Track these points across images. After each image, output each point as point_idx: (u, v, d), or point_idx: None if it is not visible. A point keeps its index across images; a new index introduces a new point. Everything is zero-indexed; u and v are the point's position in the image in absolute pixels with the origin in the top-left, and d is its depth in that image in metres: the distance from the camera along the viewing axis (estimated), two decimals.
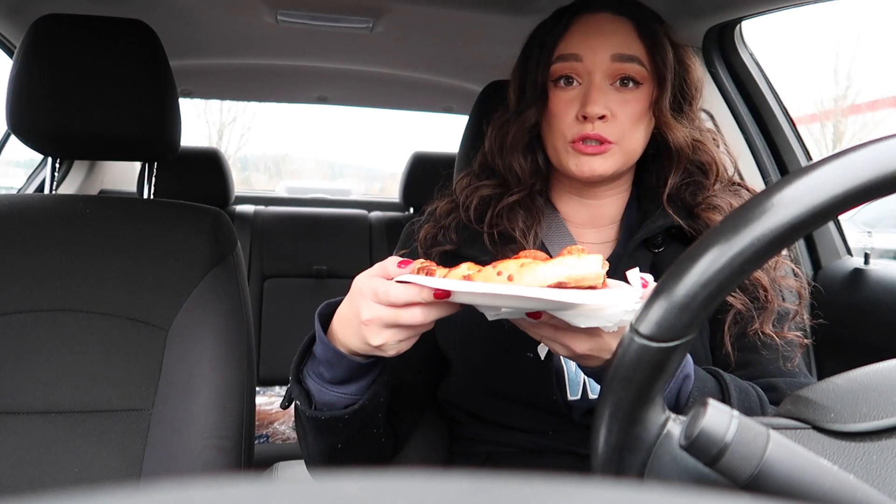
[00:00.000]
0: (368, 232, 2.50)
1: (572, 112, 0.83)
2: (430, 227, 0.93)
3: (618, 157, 0.84)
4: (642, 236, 0.86)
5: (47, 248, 1.01)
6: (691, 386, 0.70)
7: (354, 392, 0.72)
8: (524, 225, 0.88)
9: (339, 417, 0.71)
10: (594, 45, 0.83)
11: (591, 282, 0.56)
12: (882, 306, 1.25)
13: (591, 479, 0.19)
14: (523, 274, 0.55)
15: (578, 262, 0.55)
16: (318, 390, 0.72)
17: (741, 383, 0.76)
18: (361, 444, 0.78)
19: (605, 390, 0.42)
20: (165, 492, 0.17)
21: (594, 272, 0.55)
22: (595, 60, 0.83)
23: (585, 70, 0.83)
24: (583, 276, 0.55)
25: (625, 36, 0.84)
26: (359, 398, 0.72)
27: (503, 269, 0.56)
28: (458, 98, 2.29)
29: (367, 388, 0.72)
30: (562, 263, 0.55)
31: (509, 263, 0.57)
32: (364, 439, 0.78)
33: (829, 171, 0.36)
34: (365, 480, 0.17)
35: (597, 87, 0.82)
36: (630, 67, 0.83)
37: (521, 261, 0.57)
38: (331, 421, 0.72)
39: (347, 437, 0.75)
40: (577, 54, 0.84)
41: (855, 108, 12.18)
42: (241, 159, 18.51)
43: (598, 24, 0.85)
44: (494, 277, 0.56)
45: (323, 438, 0.76)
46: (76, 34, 1.04)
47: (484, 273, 0.57)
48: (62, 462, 0.93)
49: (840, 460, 0.42)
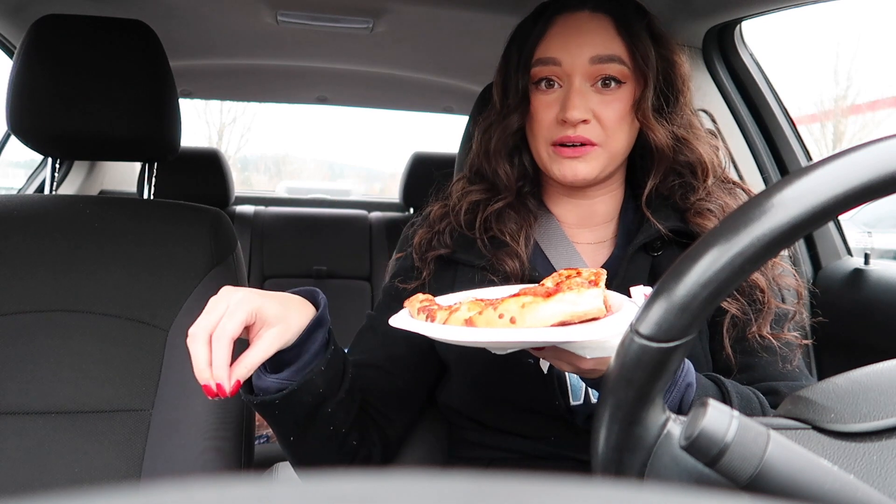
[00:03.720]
0: (368, 232, 2.50)
1: (552, 115, 0.83)
2: (425, 231, 0.92)
3: (601, 158, 0.83)
4: (640, 242, 0.85)
5: (47, 248, 1.01)
6: (694, 394, 0.70)
7: (285, 377, 0.73)
8: (515, 227, 0.87)
9: (270, 402, 0.72)
10: (572, 48, 0.82)
11: (594, 315, 0.56)
12: (882, 306, 1.25)
13: (591, 480, 0.19)
14: (525, 315, 0.55)
15: (579, 299, 0.56)
16: (256, 376, 0.74)
17: (743, 389, 0.76)
18: (317, 439, 0.78)
19: (606, 391, 0.42)
20: (165, 492, 0.17)
21: (595, 307, 0.56)
22: (574, 64, 0.82)
23: (564, 73, 0.82)
24: (584, 313, 0.56)
25: (603, 35, 0.83)
26: (289, 383, 0.72)
27: (504, 311, 0.56)
28: (458, 98, 2.29)
29: (298, 374, 0.73)
30: (562, 301, 0.55)
31: (510, 304, 0.56)
32: (318, 433, 0.77)
33: (829, 172, 0.36)
34: (365, 480, 0.17)
35: (576, 91, 0.81)
36: (610, 68, 0.82)
37: (521, 300, 0.56)
38: (265, 406, 0.73)
39: (294, 428, 0.76)
40: (556, 58, 0.82)
41: (855, 109, 12.17)
42: (241, 160, 18.50)
43: (577, 24, 0.83)
44: (496, 320, 0.56)
45: (274, 429, 0.78)
46: (76, 34, 1.05)
47: (486, 316, 0.57)
48: (62, 462, 0.93)
49: (840, 460, 0.42)
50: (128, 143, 1.07)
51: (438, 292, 0.90)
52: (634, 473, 0.42)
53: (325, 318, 0.73)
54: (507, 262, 0.85)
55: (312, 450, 0.80)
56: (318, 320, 0.72)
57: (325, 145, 33.58)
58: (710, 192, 0.85)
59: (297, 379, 0.72)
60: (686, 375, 0.69)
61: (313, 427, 0.76)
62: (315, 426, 0.76)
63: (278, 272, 2.38)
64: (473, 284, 0.86)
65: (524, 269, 0.85)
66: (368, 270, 2.44)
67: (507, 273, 0.85)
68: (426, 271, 0.90)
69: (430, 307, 0.64)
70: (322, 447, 0.79)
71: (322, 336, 0.73)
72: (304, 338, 0.71)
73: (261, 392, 0.74)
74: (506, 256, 0.85)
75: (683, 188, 0.85)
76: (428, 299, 0.69)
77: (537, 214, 0.91)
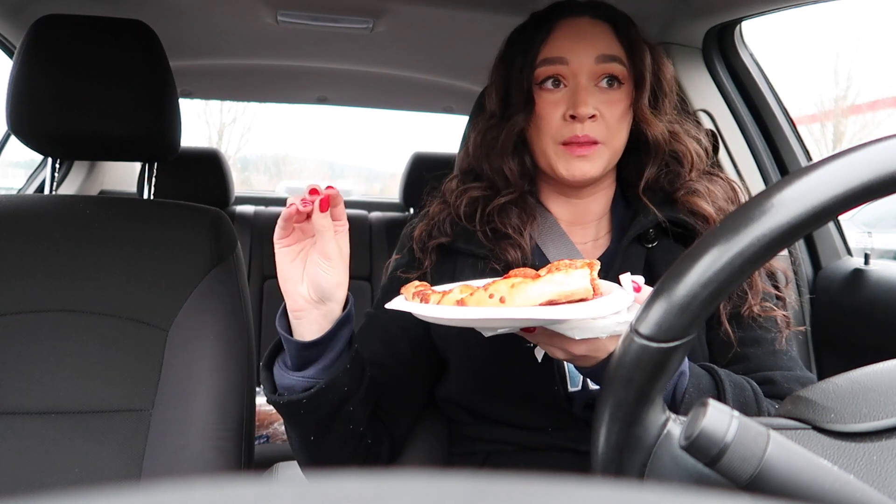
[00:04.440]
0: (368, 232, 2.50)
1: (559, 113, 0.85)
2: (424, 225, 0.94)
3: (605, 157, 0.86)
4: (634, 233, 0.87)
5: (47, 248, 1.01)
6: (686, 382, 0.71)
7: (312, 375, 0.73)
8: (518, 221, 0.89)
9: (297, 402, 0.73)
10: (578, 48, 0.86)
11: (581, 296, 0.58)
12: (882, 306, 1.25)
13: (591, 479, 0.19)
14: (514, 295, 0.57)
15: (566, 279, 0.58)
16: (280, 375, 0.75)
17: (736, 378, 0.77)
18: (338, 439, 0.78)
19: (606, 390, 0.42)
20: (165, 492, 0.17)
21: (582, 287, 0.58)
22: (581, 63, 0.85)
23: (571, 72, 0.86)
24: (572, 292, 0.58)
25: (606, 38, 0.87)
26: (316, 381, 0.73)
27: (494, 291, 0.58)
28: (458, 98, 2.29)
29: (325, 372, 0.73)
30: (550, 281, 0.58)
31: (500, 285, 0.58)
32: (338, 433, 0.78)
33: (829, 172, 0.36)
34: (365, 480, 0.17)
35: (584, 88, 0.85)
36: (613, 67, 0.86)
37: (511, 281, 0.58)
38: (291, 405, 0.74)
39: (317, 428, 0.76)
40: (563, 57, 0.86)
41: (855, 109, 12.18)
42: (241, 160, 18.50)
43: (580, 28, 0.88)
44: (487, 300, 0.58)
45: (294, 430, 0.78)
46: (76, 34, 1.04)
47: (476, 296, 0.59)
48: (62, 462, 0.93)
49: (840, 460, 0.42)
50: (128, 143, 1.07)
51: (439, 282, 0.91)
52: (634, 473, 0.42)
53: (351, 315, 0.74)
54: (509, 252, 0.87)
55: (330, 450, 0.79)
56: (345, 317, 0.73)
57: (324, 145, 33.62)
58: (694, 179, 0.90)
59: (325, 377, 0.73)
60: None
61: (334, 426, 0.77)
62: (336, 425, 0.77)
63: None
64: (475, 274, 0.88)
65: (526, 261, 0.87)
66: (368, 270, 2.44)
67: (508, 262, 0.87)
68: (427, 261, 0.92)
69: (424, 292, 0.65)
70: (341, 447, 0.80)
71: (348, 333, 0.74)
72: (331, 334, 0.72)
73: (286, 391, 0.74)
74: (508, 246, 0.87)
75: (671, 176, 0.90)
76: (423, 285, 0.70)
77: (535, 213, 0.92)
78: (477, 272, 0.88)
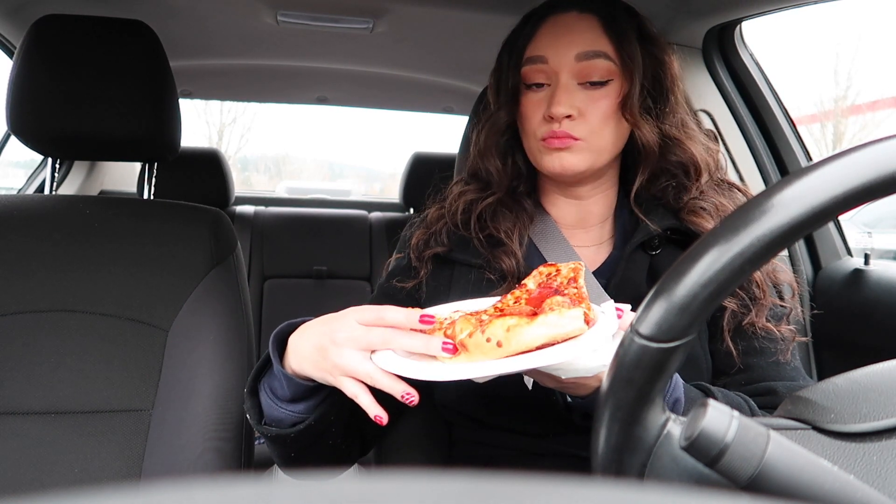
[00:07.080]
0: (368, 232, 2.50)
1: (540, 113, 0.84)
2: (422, 232, 0.94)
3: (586, 153, 0.84)
4: (637, 241, 0.85)
5: (48, 248, 1.01)
6: (681, 411, 0.69)
7: (302, 411, 0.73)
8: (510, 224, 0.88)
9: (285, 436, 0.73)
10: (559, 46, 0.84)
11: (576, 334, 0.59)
12: (882, 306, 1.25)
13: (591, 480, 0.19)
14: (510, 339, 0.59)
15: (561, 321, 0.59)
16: (269, 405, 0.74)
17: (733, 397, 0.76)
18: (316, 455, 0.78)
19: (606, 391, 0.42)
20: (165, 492, 0.17)
21: (577, 328, 0.59)
22: (560, 61, 0.83)
23: (552, 71, 0.84)
24: (567, 334, 0.59)
25: (590, 33, 0.84)
26: (306, 417, 0.72)
27: (491, 335, 0.59)
28: (458, 98, 2.29)
29: (315, 409, 0.73)
30: (545, 324, 0.59)
31: (496, 329, 0.59)
32: (318, 451, 0.78)
33: (829, 172, 0.36)
34: (365, 480, 0.17)
35: (562, 88, 0.83)
36: (596, 64, 0.83)
37: (506, 323, 0.60)
38: (278, 437, 0.74)
39: (298, 450, 0.76)
40: (543, 56, 0.84)
41: (855, 109, 12.17)
42: (241, 160, 18.51)
43: (565, 24, 0.85)
44: (484, 343, 0.59)
45: (274, 449, 0.78)
46: (76, 34, 1.04)
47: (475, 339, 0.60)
48: (62, 463, 0.93)
49: (840, 461, 0.42)
50: (128, 143, 1.07)
51: (435, 291, 0.90)
52: (634, 474, 0.42)
53: None
54: (503, 260, 0.86)
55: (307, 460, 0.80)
56: None
57: (324, 145, 33.63)
58: (704, 192, 0.86)
59: (315, 414, 0.73)
60: (673, 391, 0.69)
61: (316, 447, 0.77)
62: (318, 446, 0.77)
63: (278, 272, 2.38)
64: (470, 283, 0.88)
65: (520, 268, 0.86)
66: (368, 270, 2.44)
67: (503, 271, 0.86)
68: (423, 270, 0.91)
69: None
70: (318, 458, 0.80)
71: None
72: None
73: (274, 423, 0.74)
74: (502, 255, 0.86)
75: (676, 189, 0.86)
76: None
77: (533, 215, 0.92)
78: (472, 282, 0.88)
